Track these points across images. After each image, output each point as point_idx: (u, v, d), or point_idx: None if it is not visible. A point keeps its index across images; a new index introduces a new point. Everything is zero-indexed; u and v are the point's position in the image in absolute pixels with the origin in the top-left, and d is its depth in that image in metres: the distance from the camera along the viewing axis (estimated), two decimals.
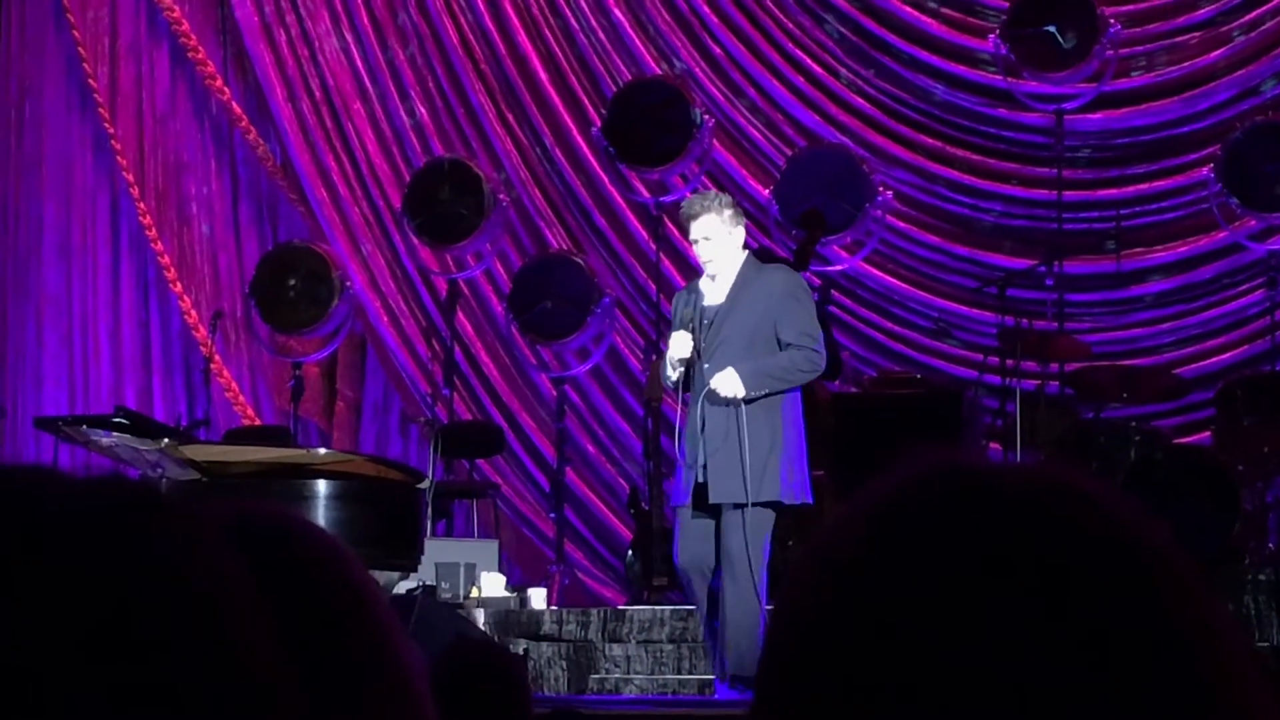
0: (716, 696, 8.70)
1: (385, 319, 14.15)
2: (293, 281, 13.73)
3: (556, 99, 13.91)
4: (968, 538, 1.07)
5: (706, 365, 8.38)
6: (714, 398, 8.36)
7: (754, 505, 8.31)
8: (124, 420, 10.39)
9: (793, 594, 1.13)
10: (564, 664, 10.52)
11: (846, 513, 1.14)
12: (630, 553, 12.09)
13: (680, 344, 8.36)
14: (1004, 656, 1.04)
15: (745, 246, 8.64)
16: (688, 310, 8.53)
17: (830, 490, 11.16)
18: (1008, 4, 12.63)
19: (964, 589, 1.06)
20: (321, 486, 9.29)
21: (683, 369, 8.41)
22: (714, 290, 8.50)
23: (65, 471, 1.16)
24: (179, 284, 14.53)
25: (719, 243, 8.44)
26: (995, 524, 1.08)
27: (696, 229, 8.46)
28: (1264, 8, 12.77)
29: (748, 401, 8.35)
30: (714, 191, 9.27)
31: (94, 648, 1.06)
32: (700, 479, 8.38)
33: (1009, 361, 11.36)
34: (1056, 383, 11.94)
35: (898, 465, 1.13)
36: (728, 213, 8.48)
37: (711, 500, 8.36)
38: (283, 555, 1.49)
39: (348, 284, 13.84)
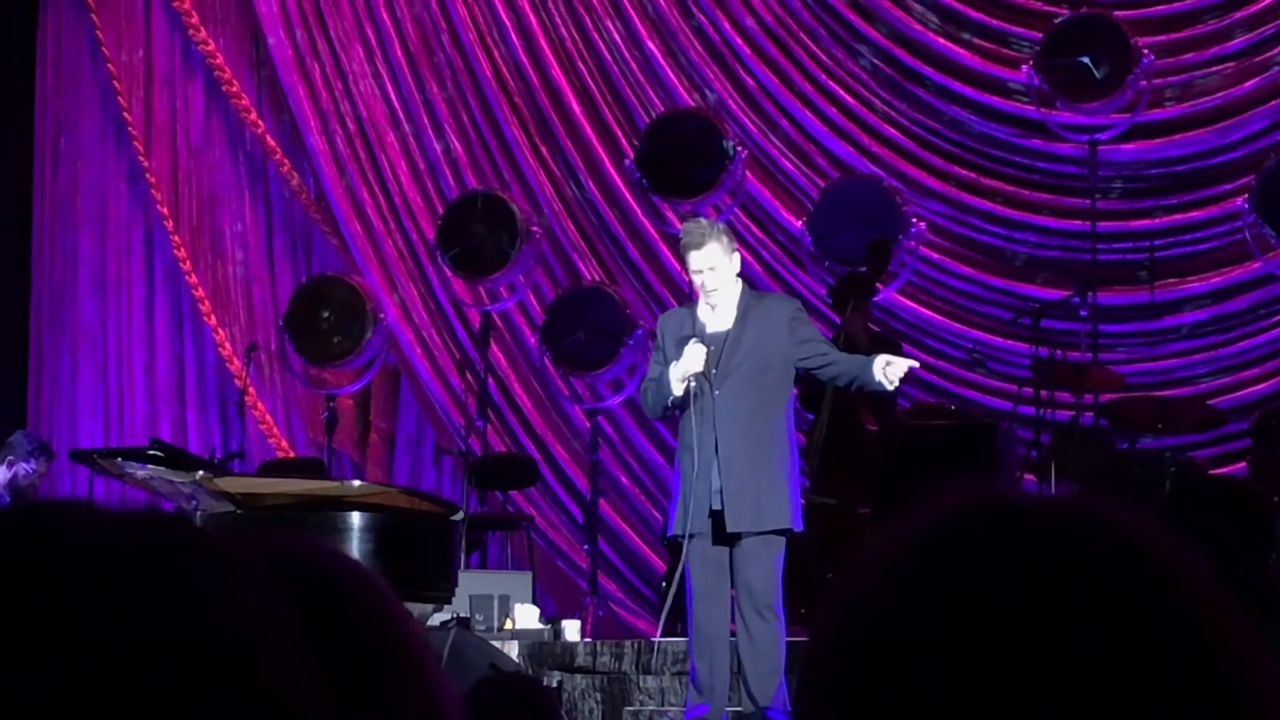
0: None
1: (419, 351, 14.17)
2: (326, 314, 13.75)
3: (589, 131, 13.93)
4: (1007, 570, 1.07)
5: (718, 392, 8.26)
6: (745, 463, 8.22)
7: (771, 533, 8.24)
8: (159, 453, 10.40)
9: (831, 625, 1.13)
10: (598, 696, 10.50)
11: (884, 545, 1.13)
12: (664, 584, 12.07)
13: (694, 357, 8.20)
14: (1045, 689, 1.04)
15: (739, 274, 8.57)
16: (683, 334, 8.39)
17: (870, 525, 11.14)
18: (1041, 35, 12.62)
19: (1004, 622, 1.06)
20: (355, 519, 9.30)
21: (688, 384, 8.25)
22: (716, 318, 8.41)
23: (101, 505, 1.16)
24: (213, 316, 14.57)
25: (721, 271, 8.36)
26: (1034, 557, 1.08)
27: (699, 259, 8.36)
28: None
29: (759, 422, 8.28)
30: (709, 219, 9.18)
31: (128, 683, 1.06)
32: (717, 506, 8.23)
33: (1043, 393, 11.34)
34: (1090, 414, 11.91)
35: (935, 498, 1.13)
36: (725, 239, 8.42)
37: (732, 529, 8.21)
38: (320, 588, 1.50)
39: (381, 316, 13.86)
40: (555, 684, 10.16)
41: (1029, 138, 13.05)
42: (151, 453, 10.37)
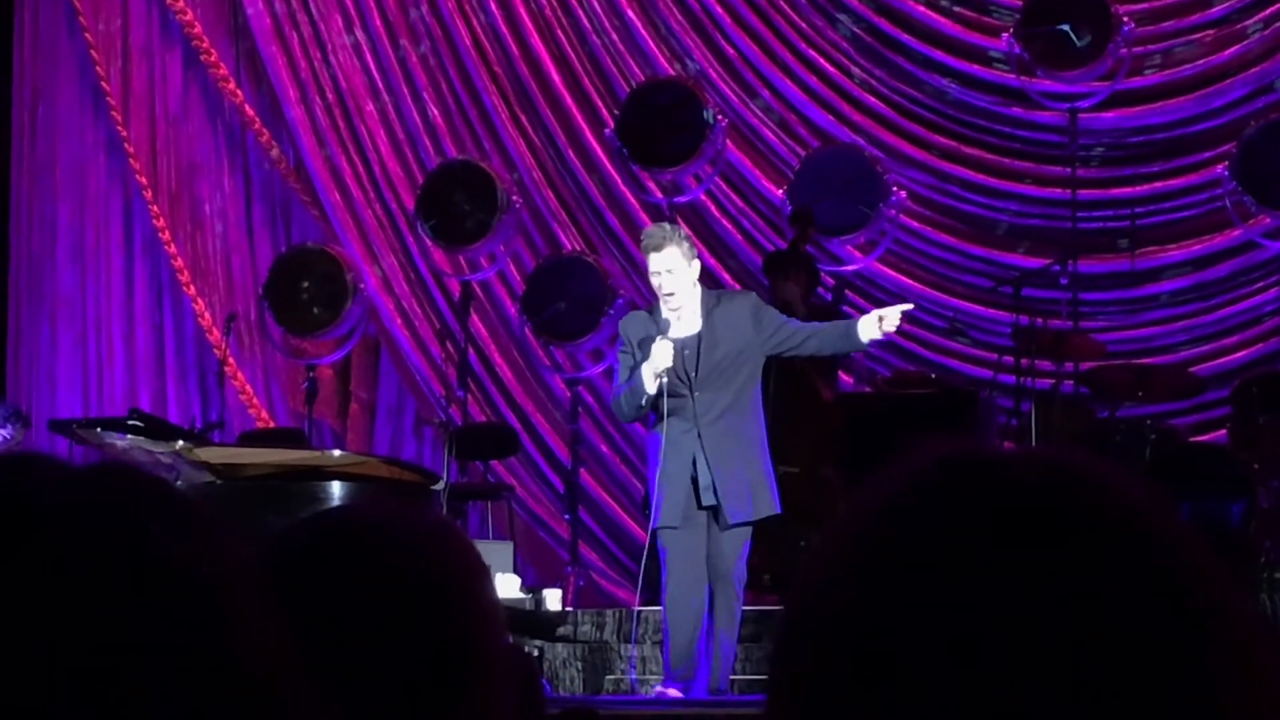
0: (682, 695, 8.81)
1: (399, 321, 14.15)
2: (306, 284, 13.73)
3: (569, 100, 13.90)
4: (981, 524, 1.06)
5: (698, 394, 8.52)
6: (727, 460, 8.50)
7: (752, 523, 8.64)
8: (138, 423, 10.39)
9: (805, 591, 1.12)
10: (579, 665, 10.52)
11: (855, 507, 1.13)
12: (645, 553, 12.08)
13: (663, 353, 8.40)
14: (1019, 642, 1.03)
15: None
16: (648, 334, 8.57)
17: (842, 490, 11.16)
18: (1021, 3, 12.61)
19: (978, 576, 1.05)
20: (336, 488, 9.29)
21: (660, 381, 8.44)
22: (682, 323, 8.61)
23: (68, 460, 1.15)
24: (192, 287, 14.53)
25: (680, 275, 8.58)
26: (1008, 509, 1.07)
27: (659, 261, 8.59)
28: (1278, 5, 12.74)
29: (739, 416, 8.59)
30: (669, 224, 9.37)
31: (92, 635, 1.04)
32: (710, 501, 8.54)
33: (1024, 361, 11.36)
34: (1071, 382, 11.93)
35: (904, 457, 1.12)
36: (686, 245, 8.70)
37: (734, 521, 8.55)
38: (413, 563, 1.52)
39: (361, 286, 13.84)
40: (536, 653, 10.17)
41: (1009, 106, 13.05)
42: (131, 423, 10.36)
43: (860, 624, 1.06)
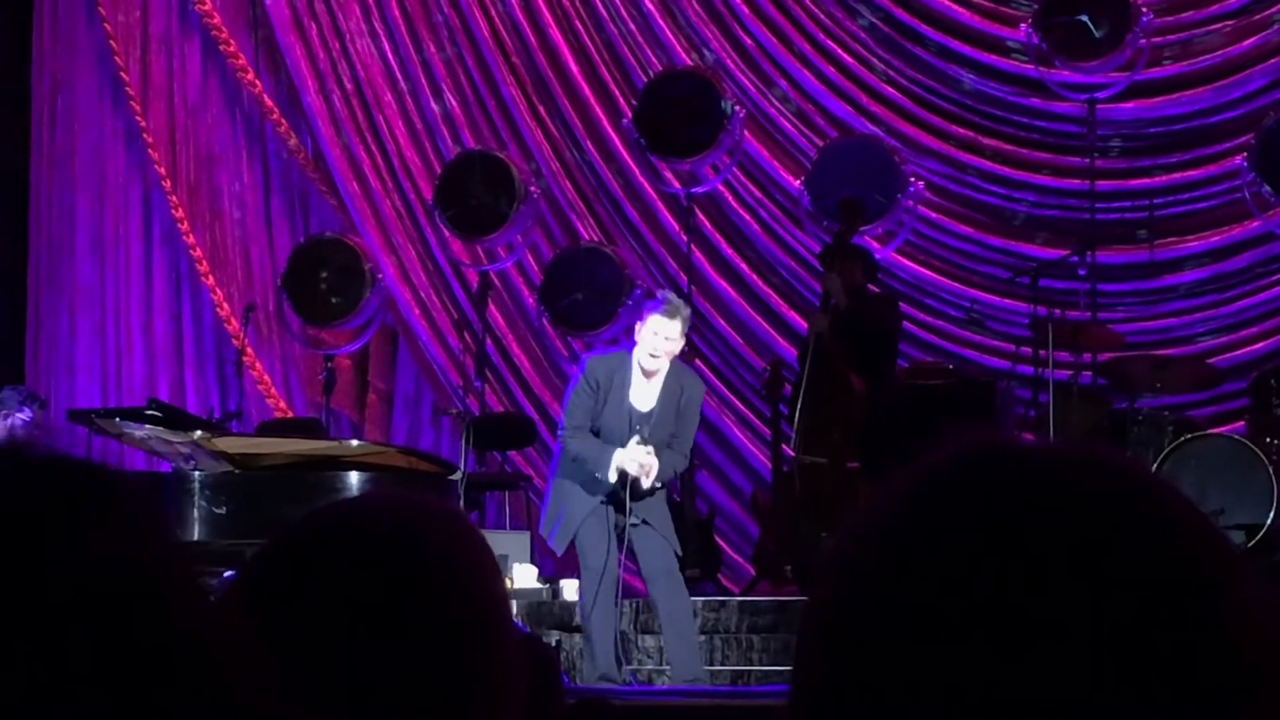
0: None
1: (417, 311, 14.16)
2: (324, 274, 13.75)
3: (587, 90, 13.90)
4: (1008, 518, 1.07)
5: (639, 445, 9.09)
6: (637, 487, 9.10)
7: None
8: (157, 413, 10.40)
9: (829, 582, 1.12)
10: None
11: (881, 498, 1.13)
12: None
13: (635, 456, 9.00)
14: (1049, 630, 1.04)
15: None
16: (613, 385, 9.12)
17: (864, 482, 11.15)
18: None
19: (1007, 566, 1.05)
20: (353, 478, 9.30)
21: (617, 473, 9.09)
22: (644, 390, 9.18)
23: (12, 451, 1.13)
24: (211, 277, 14.55)
25: (674, 347, 9.15)
26: (1035, 502, 1.07)
27: (668, 328, 9.10)
28: None
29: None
30: (682, 302, 9.72)
31: (27, 640, 1.03)
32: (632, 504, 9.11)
33: (1041, 352, 11.34)
34: (1089, 373, 11.91)
35: (931, 449, 1.13)
36: (687, 324, 9.31)
37: (658, 526, 9.24)
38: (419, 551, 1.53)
39: (379, 276, 13.85)
40: (554, 643, 10.17)
41: (1028, 96, 13.02)
42: (150, 413, 10.37)
43: (887, 616, 1.07)
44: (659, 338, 9.04)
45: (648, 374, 9.10)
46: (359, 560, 1.55)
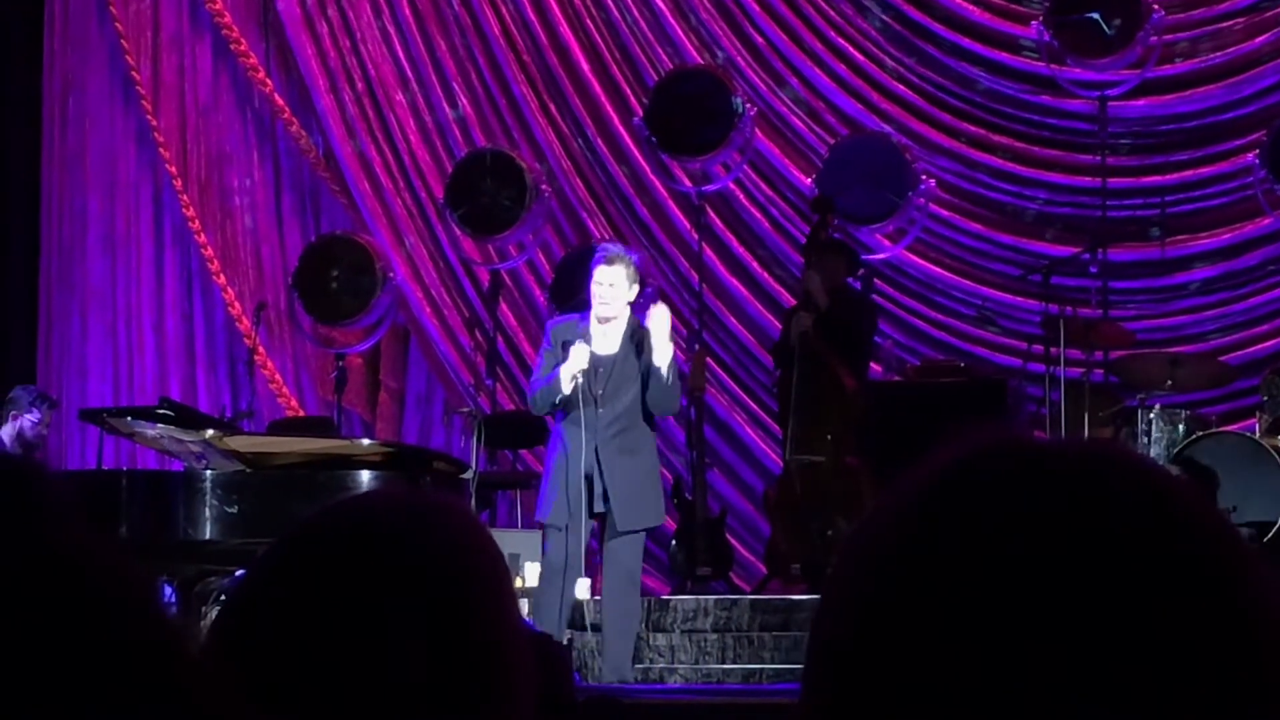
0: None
1: (428, 310, 14.16)
2: (335, 273, 13.75)
3: (598, 89, 13.90)
4: (1021, 515, 1.06)
5: (601, 410, 9.29)
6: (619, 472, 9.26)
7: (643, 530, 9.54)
8: (168, 412, 10.41)
9: (843, 580, 1.12)
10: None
11: (894, 496, 1.12)
12: (674, 543, 12.09)
13: (579, 356, 9.24)
14: (1062, 631, 1.03)
15: (632, 306, 9.60)
16: (572, 341, 9.37)
17: (869, 479, 11.14)
18: None
19: (1020, 566, 1.05)
20: (365, 477, 9.31)
21: (575, 383, 9.23)
22: (604, 340, 9.42)
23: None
24: (222, 276, 14.56)
25: (619, 293, 9.39)
26: (1049, 499, 1.07)
27: (606, 274, 9.44)
28: None
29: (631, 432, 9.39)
30: (626, 250, 9.98)
31: None
32: (600, 509, 9.35)
33: (1053, 349, 11.33)
34: (1101, 371, 11.90)
35: (942, 446, 1.12)
36: (633, 270, 9.48)
37: (622, 529, 9.40)
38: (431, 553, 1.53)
39: (390, 275, 13.85)
40: (565, 641, 10.17)
41: (1039, 94, 13.01)
42: (161, 412, 10.38)
43: (902, 613, 1.07)
44: (603, 286, 9.42)
45: (603, 320, 9.42)
46: (361, 559, 1.55)
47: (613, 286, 9.41)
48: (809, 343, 11.22)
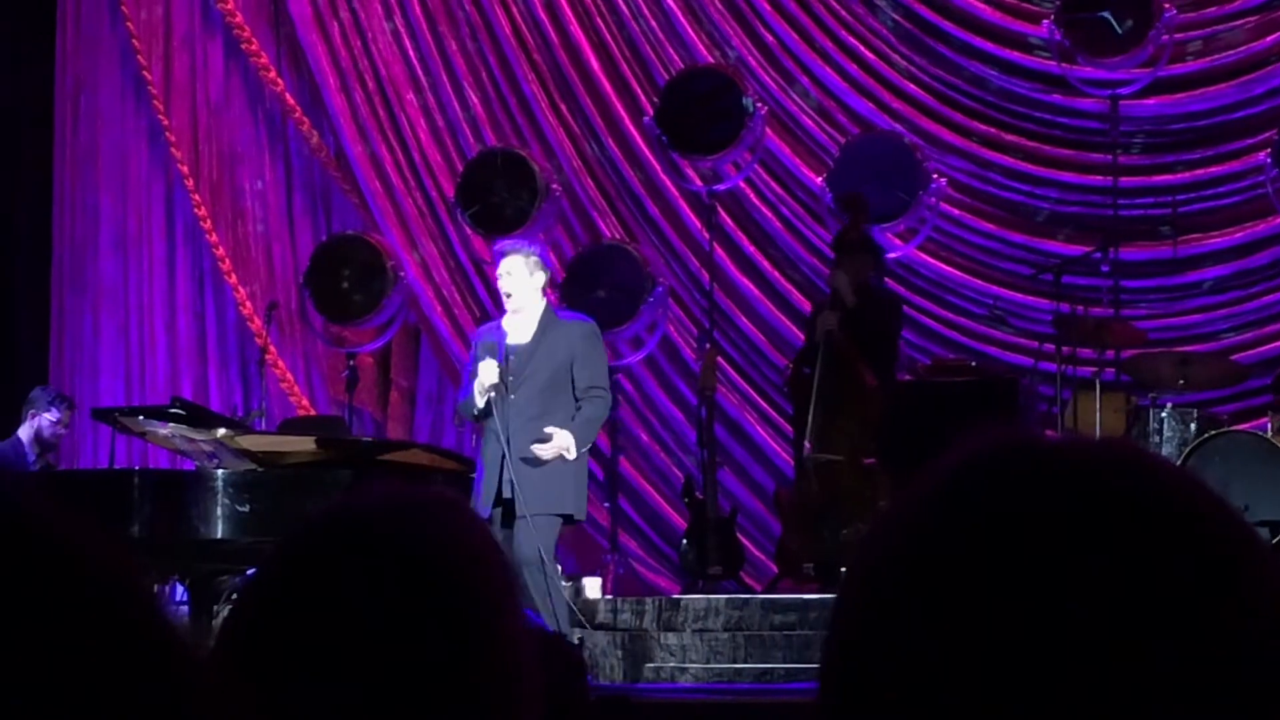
0: None
1: (439, 309, 14.17)
2: (346, 272, 13.76)
3: (609, 88, 13.90)
4: (1039, 513, 1.07)
5: (513, 397, 9.30)
6: (531, 460, 9.21)
7: (549, 515, 9.31)
8: (180, 411, 10.43)
9: (859, 580, 1.12)
10: (619, 653, 10.52)
11: (908, 496, 1.13)
12: (685, 541, 12.11)
13: (488, 372, 9.27)
14: (1075, 629, 1.04)
15: (545, 297, 9.63)
16: (490, 343, 9.46)
17: (883, 478, 11.14)
18: None
19: (1035, 565, 1.05)
20: (374, 476, 9.30)
21: (489, 396, 9.27)
22: (517, 330, 9.46)
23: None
24: (234, 275, 14.57)
25: (519, 280, 9.42)
26: (1066, 498, 1.07)
27: (503, 265, 9.52)
28: None
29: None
30: (529, 247, 9.96)
31: None
32: (507, 494, 9.20)
33: (1064, 348, 11.33)
34: (1112, 370, 11.89)
35: (958, 446, 1.13)
36: (532, 259, 9.53)
37: (520, 515, 9.18)
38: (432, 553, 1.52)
39: (401, 274, 13.86)
40: (577, 641, 10.18)
41: (1050, 93, 13.01)
42: (173, 411, 10.40)
43: (917, 612, 1.07)
44: (502, 278, 9.53)
45: (513, 312, 9.47)
46: (362, 558, 1.55)
47: (510, 275, 9.46)
48: (834, 342, 11.21)
